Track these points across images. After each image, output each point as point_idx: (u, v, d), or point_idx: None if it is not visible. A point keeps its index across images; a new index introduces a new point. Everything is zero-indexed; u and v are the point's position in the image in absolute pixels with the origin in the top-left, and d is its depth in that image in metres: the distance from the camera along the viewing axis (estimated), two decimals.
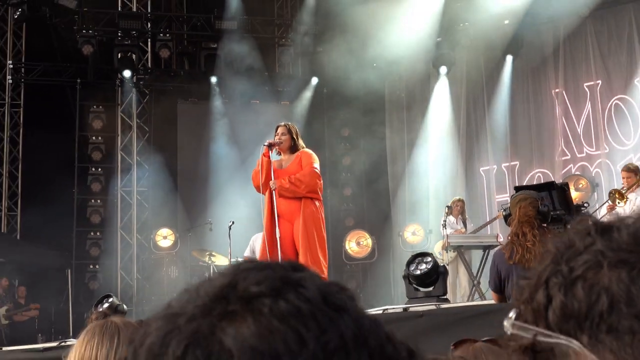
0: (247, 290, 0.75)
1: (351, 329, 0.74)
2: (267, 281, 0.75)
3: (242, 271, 0.77)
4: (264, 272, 0.77)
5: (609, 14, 15.11)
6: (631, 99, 14.59)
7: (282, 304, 0.73)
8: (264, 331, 0.71)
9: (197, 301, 0.76)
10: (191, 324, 0.74)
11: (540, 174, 15.39)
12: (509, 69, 15.78)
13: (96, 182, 16.43)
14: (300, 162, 8.06)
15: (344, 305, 0.76)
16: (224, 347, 0.71)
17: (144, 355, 0.74)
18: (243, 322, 0.72)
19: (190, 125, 17.08)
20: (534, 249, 5.36)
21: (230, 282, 0.76)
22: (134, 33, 16.57)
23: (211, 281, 0.78)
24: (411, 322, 5.57)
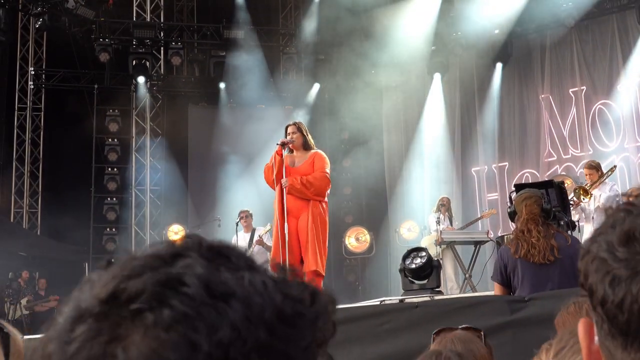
0: (129, 305, 0.67)
1: (242, 313, 0.68)
2: (146, 291, 0.68)
3: (120, 281, 0.69)
4: (143, 277, 0.69)
5: (593, 24, 15.11)
6: (614, 104, 14.59)
7: (166, 312, 0.66)
8: (154, 346, 0.65)
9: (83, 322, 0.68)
10: (82, 352, 0.67)
11: (528, 174, 15.39)
12: (499, 76, 15.78)
13: (112, 182, 16.44)
14: (312, 163, 7.95)
15: (231, 289, 0.69)
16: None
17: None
18: (131, 342, 0.65)
19: (200, 128, 17.09)
20: (539, 245, 5.36)
21: (110, 294, 0.69)
22: (148, 42, 16.58)
23: (92, 289, 0.71)
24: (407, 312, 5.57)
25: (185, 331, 0.65)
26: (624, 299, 0.85)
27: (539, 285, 5.37)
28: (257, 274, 0.72)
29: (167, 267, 0.70)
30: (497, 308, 5.19)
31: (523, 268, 5.43)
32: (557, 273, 5.36)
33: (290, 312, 0.70)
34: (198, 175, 16.72)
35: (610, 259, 0.88)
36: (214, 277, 0.69)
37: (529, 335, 4.96)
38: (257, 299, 0.69)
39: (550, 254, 5.33)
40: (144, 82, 16.61)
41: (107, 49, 15.94)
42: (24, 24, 17.26)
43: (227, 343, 0.66)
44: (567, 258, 5.34)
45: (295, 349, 0.70)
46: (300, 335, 0.70)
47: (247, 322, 0.67)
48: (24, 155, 16.94)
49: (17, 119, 17.03)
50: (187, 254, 0.71)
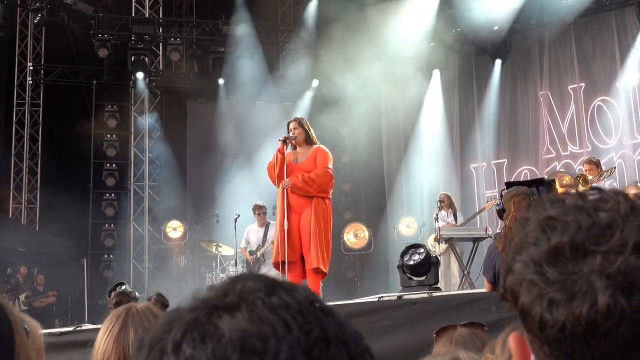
0: (244, 287, 0.80)
1: (334, 327, 0.78)
2: (262, 282, 0.80)
3: (241, 276, 0.83)
4: (260, 279, 0.82)
5: (593, 21, 15.11)
6: (613, 101, 14.60)
7: (274, 299, 0.78)
8: (255, 318, 0.76)
9: (201, 297, 0.81)
10: (191, 313, 0.78)
11: (527, 171, 15.40)
12: (498, 72, 15.78)
13: (110, 177, 16.44)
14: (315, 159, 7.91)
15: (331, 310, 0.81)
16: (218, 330, 0.75)
17: (148, 340, 0.79)
18: (237, 311, 0.77)
19: (198, 124, 17.09)
20: None
21: (230, 283, 0.81)
22: (147, 37, 16.57)
23: (215, 285, 0.83)
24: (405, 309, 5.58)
25: (285, 316, 0.76)
26: (566, 322, 0.85)
27: None
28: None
29: (282, 280, 0.83)
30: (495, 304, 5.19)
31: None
32: None
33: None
34: (197, 171, 16.72)
35: (541, 281, 0.88)
36: (319, 299, 0.82)
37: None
38: (350, 329, 0.81)
39: None
40: (143, 78, 16.59)
41: (105, 44, 15.93)
42: (23, 20, 17.24)
43: (314, 338, 0.76)
44: None
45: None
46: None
47: (336, 335, 0.78)
48: (23, 151, 16.94)
49: (15, 114, 17.03)
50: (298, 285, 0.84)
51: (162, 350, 0.76)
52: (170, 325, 0.78)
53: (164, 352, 0.76)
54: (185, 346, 0.75)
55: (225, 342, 0.74)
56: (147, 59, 16.40)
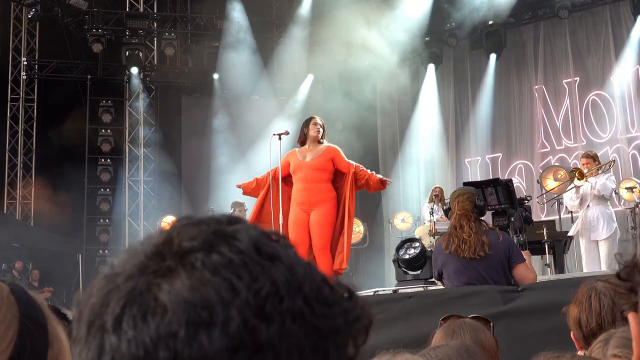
0: (181, 246, 0.73)
1: (284, 275, 0.72)
2: (200, 236, 0.73)
3: (177, 227, 0.76)
4: (198, 227, 0.75)
5: (587, 15, 15.12)
6: (607, 95, 14.62)
7: (215, 257, 0.71)
8: (197, 284, 0.70)
9: (135, 260, 0.74)
10: (128, 282, 0.72)
11: (521, 165, 15.42)
12: (493, 67, 15.78)
13: (105, 172, 16.43)
14: (330, 159, 7.73)
15: (277, 254, 0.74)
16: (159, 303, 0.70)
17: (86, 314, 0.74)
18: (177, 277, 0.71)
19: (193, 119, 17.06)
20: (470, 240, 5.47)
21: (165, 239, 0.75)
22: (141, 32, 16.54)
23: (149, 239, 0.77)
24: (400, 303, 5.58)
25: (229, 276, 0.70)
26: None
27: (468, 280, 5.50)
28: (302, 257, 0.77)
29: (222, 225, 0.75)
30: (491, 298, 5.20)
31: (454, 263, 5.56)
32: (486, 268, 5.48)
33: (327, 294, 0.74)
34: (191, 166, 16.70)
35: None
36: (264, 240, 0.75)
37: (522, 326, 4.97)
38: (300, 269, 0.74)
39: (480, 249, 5.44)
40: (137, 73, 16.57)
41: (100, 39, 15.89)
42: (17, 15, 17.19)
43: (264, 296, 0.70)
44: (497, 254, 5.47)
45: (326, 328, 0.72)
46: (333, 317, 0.73)
47: (287, 284, 0.71)
48: (17, 146, 16.90)
49: (9, 109, 16.99)
50: (243, 222, 0.76)
51: (102, 327, 0.71)
52: (107, 297, 0.72)
53: (105, 330, 0.71)
54: (125, 325, 0.70)
55: (169, 317, 0.69)
56: (141, 54, 16.37)
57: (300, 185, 7.68)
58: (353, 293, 0.77)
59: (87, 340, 0.72)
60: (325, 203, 7.58)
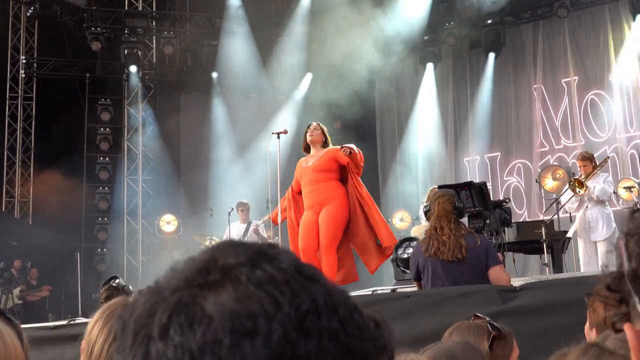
0: (226, 262, 0.77)
1: (322, 295, 0.76)
2: (244, 254, 0.78)
3: (221, 248, 0.80)
4: (242, 248, 0.79)
5: (586, 14, 15.13)
6: (606, 94, 14.63)
7: (259, 272, 0.75)
8: (242, 296, 0.73)
9: (181, 275, 0.78)
10: (175, 294, 0.75)
11: (520, 164, 15.43)
12: (492, 66, 15.80)
13: (104, 171, 16.41)
14: (331, 159, 7.74)
15: (316, 275, 0.78)
16: (205, 313, 0.73)
17: (132, 325, 0.76)
18: (222, 289, 0.74)
19: (192, 118, 17.04)
20: (449, 242, 5.55)
21: (211, 257, 0.78)
22: (140, 30, 16.53)
23: (194, 258, 0.80)
24: (399, 302, 5.58)
25: (272, 290, 0.74)
26: None
27: (448, 282, 5.57)
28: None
29: (263, 248, 0.80)
30: (489, 298, 5.20)
31: (433, 265, 5.64)
32: (463, 271, 5.56)
33: (359, 320, 0.79)
34: (190, 165, 16.69)
35: None
36: (303, 264, 0.80)
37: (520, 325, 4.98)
38: (336, 293, 0.79)
39: (458, 252, 5.52)
40: (136, 71, 16.57)
41: (99, 37, 15.89)
42: (15, 13, 17.17)
43: (304, 312, 0.74)
44: (475, 258, 5.55)
45: (359, 349, 0.77)
46: (364, 340, 0.78)
47: (325, 304, 0.76)
48: (16, 144, 16.89)
49: (8, 108, 16.97)
50: (281, 248, 0.82)
51: (149, 335, 0.74)
52: (154, 308, 0.76)
53: (151, 338, 0.74)
54: (172, 332, 0.73)
55: (215, 326, 0.72)
56: (140, 53, 16.37)
57: (307, 189, 7.73)
58: (380, 322, 0.82)
59: (132, 348, 0.75)
60: (333, 200, 7.58)
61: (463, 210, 5.93)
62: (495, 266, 5.62)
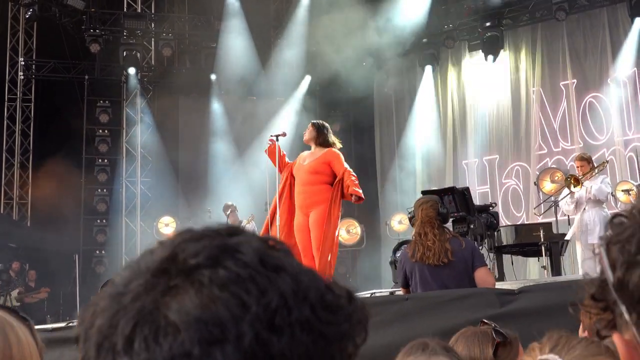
0: (187, 262, 0.73)
1: (290, 285, 0.73)
2: (204, 251, 0.74)
3: (180, 242, 0.76)
4: (202, 242, 0.75)
5: (584, 17, 15.14)
6: (604, 97, 14.63)
7: (221, 272, 0.72)
8: (206, 301, 0.70)
9: (140, 278, 0.74)
10: (136, 302, 0.72)
11: (518, 167, 15.43)
12: (490, 69, 15.78)
13: (102, 173, 16.41)
14: (327, 162, 7.73)
15: (282, 264, 0.75)
16: (169, 322, 0.70)
17: (94, 336, 0.73)
18: (185, 295, 0.71)
19: (191, 119, 17.05)
20: (434, 247, 5.62)
21: (169, 254, 0.75)
22: (139, 32, 16.53)
23: (152, 254, 0.77)
24: (397, 305, 5.58)
25: (238, 291, 0.71)
26: None
27: (435, 286, 5.63)
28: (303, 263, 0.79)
29: (224, 238, 0.76)
30: (487, 300, 5.20)
31: (419, 270, 5.71)
32: (450, 275, 5.62)
33: (331, 300, 0.76)
34: (189, 167, 16.69)
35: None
36: (267, 252, 0.76)
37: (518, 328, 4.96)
38: (304, 278, 0.75)
39: (444, 256, 5.59)
40: (135, 73, 16.57)
41: (97, 39, 15.89)
42: (14, 14, 17.17)
43: (274, 308, 0.71)
44: (461, 260, 5.62)
45: (332, 334, 0.74)
46: (338, 323, 0.75)
47: (294, 295, 0.73)
48: (14, 146, 16.88)
49: (7, 109, 16.96)
50: (243, 232, 0.78)
51: (113, 348, 0.71)
52: (115, 318, 0.72)
53: (116, 352, 0.71)
54: (137, 346, 0.69)
55: (182, 337, 0.69)
56: (139, 54, 16.37)
57: (298, 189, 7.72)
58: (352, 295, 0.79)
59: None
60: (321, 204, 7.57)
61: (447, 215, 6.00)
62: (482, 267, 5.71)
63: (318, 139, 7.83)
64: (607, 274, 0.90)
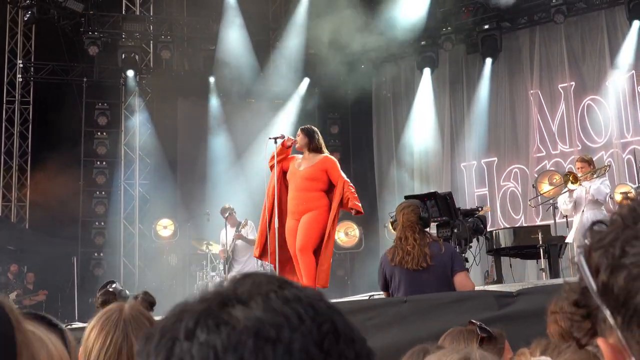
0: (256, 282, 0.82)
1: (343, 324, 0.81)
2: (273, 278, 0.84)
3: (252, 273, 0.85)
4: (271, 275, 0.85)
5: (583, 20, 15.16)
6: (602, 100, 14.65)
7: (287, 292, 0.81)
8: (269, 308, 0.78)
9: (211, 291, 0.83)
10: (203, 304, 0.80)
11: (517, 170, 15.44)
12: (488, 71, 15.80)
13: (101, 175, 16.40)
14: (323, 170, 7.70)
15: (339, 309, 0.84)
16: (232, 317, 0.77)
17: (158, 332, 0.80)
18: (252, 301, 0.79)
19: (189, 122, 17.05)
20: (413, 252, 5.70)
21: (241, 278, 0.84)
22: (137, 35, 16.54)
23: (225, 281, 0.85)
24: (395, 307, 5.58)
25: (298, 308, 0.79)
26: None
27: (413, 290, 5.69)
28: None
29: (287, 280, 0.85)
30: (486, 303, 5.21)
31: (399, 274, 5.79)
32: (430, 279, 5.69)
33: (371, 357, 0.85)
34: (187, 169, 16.69)
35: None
36: (327, 299, 0.85)
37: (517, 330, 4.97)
38: (356, 330, 0.84)
39: (423, 260, 5.67)
40: (133, 76, 16.57)
41: (96, 42, 15.88)
42: (13, 17, 17.16)
43: (325, 332, 0.79)
44: (440, 265, 5.70)
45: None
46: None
47: (344, 332, 0.81)
48: (12, 148, 16.87)
49: (5, 112, 16.95)
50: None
51: (174, 337, 0.77)
52: (181, 314, 0.79)
53: (177, 339, 0.77)
54: (199, 332, 0.76)
55: (240, 329, 0.76)
56: (137, 57, 16.37)
57: (292, 194, 7.73)
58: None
59: (156, 349, 0.79)
60: (314, 210, 7.59)
61: (428, 220, 6.06)
62: (461, 272, 5.78)
63: (310, 144, 7.84)
64: (588, 280, 0.90)
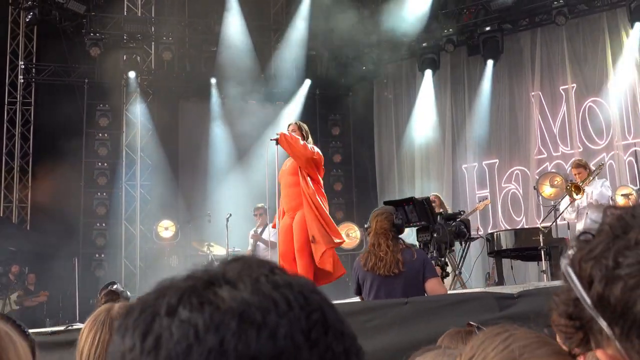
0: (245, 265, 0.79)
1: (333, 317, 0.78)
2: (265, 263, 0.80)
3: (241, 257, 0.82)
4: (262, 260, 0.81)
5: (584, 22, 15.16)
6: (604, 102, 14.64)
7: (277, 278, 0.78)
8: (258, 291, 0.75)
9: (198, 271, 0.80)
10: (188, 281, 0.77)
11: (518, 171, 15.43)
12: (490, 73, 15.80)
13: (102, 176, 16.40)
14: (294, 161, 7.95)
15: (331, 302, 0.80)
16: (217, 297, 0.74)
17: (138, 306, 0.76)
18: (240, 283, 0.76)
19: (190, 123, 17.06)
20: (386, 258, 5.77)
21: (231, 261, 0.81)
22: (139, 36, 16.54)
23: (215, 262, 0.82)
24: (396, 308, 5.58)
25: (288, 294, 0.76)
26: None
27: (385, 295, 5.78)
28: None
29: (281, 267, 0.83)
30: (486, 304, 5.20)
31: (371, 279, 5.87)
32: (401, 285, 5.78)
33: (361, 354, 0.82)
34: (188, 171, 16.69)
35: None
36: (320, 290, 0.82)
37: None
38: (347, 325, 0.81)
39: (395, 267, 5.75)
40: (135, 77, 16.57)
41: (97, 43, 15.89)
42: (14, 18, 17.16)
43: (314, 321, 0.76)
44: (412, 271, 5.79)
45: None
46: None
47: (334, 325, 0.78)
48: (14, 149, 16.87)
49: (6, 113, 16.95)
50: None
51: (155, 312, 0.74)
52: (165, 290, 0.76)
53: (157, 314, 0.74)
54: (181, 309, 0.74)
55: (225, 309, 0.73)
56: (139, 58, 16.38)
57: (282, 192, 7.85)
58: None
59: (135, 322, 0.75)
60: (301, 206, 7.66)
61: (402, 226, 6.11)
62: (432, 278, 5.86)
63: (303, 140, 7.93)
64: (580, 292, 0.89)
